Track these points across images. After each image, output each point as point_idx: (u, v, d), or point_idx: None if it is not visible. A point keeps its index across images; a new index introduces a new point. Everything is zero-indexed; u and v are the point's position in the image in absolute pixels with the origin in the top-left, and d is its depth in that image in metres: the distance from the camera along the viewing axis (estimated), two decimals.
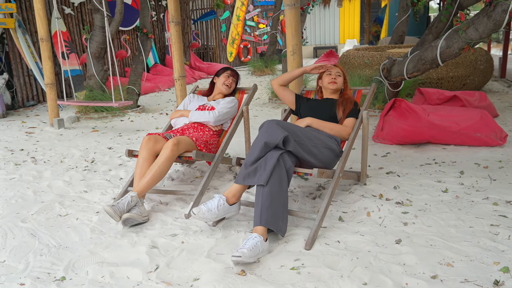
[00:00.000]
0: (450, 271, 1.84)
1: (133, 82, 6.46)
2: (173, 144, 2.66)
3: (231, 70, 3.36)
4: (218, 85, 3.28)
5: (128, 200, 2.46)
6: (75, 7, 7.93)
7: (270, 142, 2.25)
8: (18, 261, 2.12)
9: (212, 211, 2.21)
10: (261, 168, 2.23)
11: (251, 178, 2.24)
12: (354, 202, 2.62)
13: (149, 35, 6.57)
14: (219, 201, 2.25)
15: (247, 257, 1.93)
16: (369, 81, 5.71)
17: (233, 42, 12.99)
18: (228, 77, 3.30)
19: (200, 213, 2.19)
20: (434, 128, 3.66)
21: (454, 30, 3.66)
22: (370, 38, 12.14)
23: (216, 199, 2.26)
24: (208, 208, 2.21)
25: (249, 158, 2.29)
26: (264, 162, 2.24)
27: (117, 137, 4.76)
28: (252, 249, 1.96)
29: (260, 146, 2.26)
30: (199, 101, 3.33)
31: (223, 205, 2.25)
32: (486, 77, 6.29)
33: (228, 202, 2.28)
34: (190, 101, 3.35)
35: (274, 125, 2.29)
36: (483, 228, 2.22)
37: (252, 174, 2.25)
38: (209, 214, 2.20)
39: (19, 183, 3.31)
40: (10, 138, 4.90)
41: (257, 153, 2.27)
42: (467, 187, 2.79)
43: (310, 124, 2.68)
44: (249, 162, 2.28)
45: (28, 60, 6.73)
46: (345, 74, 2.98)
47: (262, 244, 2.03)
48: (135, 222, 2.45)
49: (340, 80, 2.91)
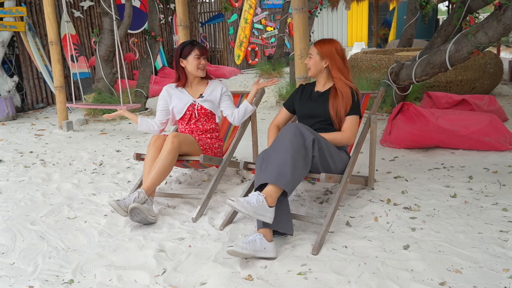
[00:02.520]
0: (459, 278, 1.82)
1: (141, 85, 6.49)
2: (173, 136, 2.66)
3: (198, 47, 2.87)
4: (191, 70, 2.89)
5: (135, 196, 2.47)
6: (84, 10, 8.00)
7: (302, 142, 2.20)
8: (27, 263, 2.14)
9: (251, 204, 2.02)
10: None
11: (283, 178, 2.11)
12: (362, 207, 2.61)
13: (157, 38, 6.60)
14: (258, 197, 2.06)
15: (240, 248, 1.96)
16: (377, 84, 5.68)
17: (241, 45, 13.02)
18: (198, 58, 2.88)
19: (238, 203, 2.01)
20: (443, 132, 3.64)
21: (463, 34, 3.64)
22: (378, 41, 12.11)
23: (255, 195, 2.08)
24: (247, 201, 2.04)
25: (276, 157, 2.17)
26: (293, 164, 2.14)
27: (125, 140, 4.79)
28: (250, 243, 2.00)
29: (290, 146, 2.17)
30: (181, 97, 2.97)
31: (262, 202, 2.05)
32: (496, 81, 6.23)
33: (267, 202, 2.08)
34: (170, 96, 3.00)
35: (303, 127, 2.25)
36: (492, 234, 2.20)
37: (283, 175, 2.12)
38: (248, 206, 2.01)
39: (29, 185, 3.34)
40: (20, 140, 4.95)
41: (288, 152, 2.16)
42: (476, 192, 2.76)
43: None
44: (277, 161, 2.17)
45: (38, 63, 6.80)
46: (329, 52, 2.54)
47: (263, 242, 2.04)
48: (142, 216, 2.43)
49: (314, 61, 2.58)
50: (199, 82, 3.02)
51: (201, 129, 2.98)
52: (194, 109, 2.96)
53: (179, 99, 2.98)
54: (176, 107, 2.98)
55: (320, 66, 2.59)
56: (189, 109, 2.97)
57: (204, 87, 3.02)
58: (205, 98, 2.96)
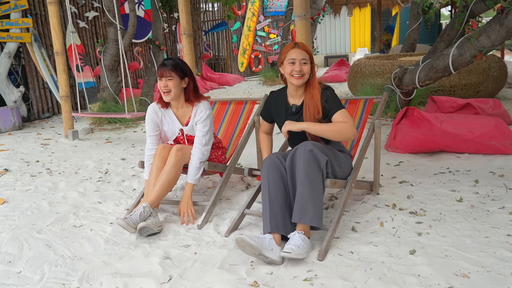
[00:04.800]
0: (466, 283, 1.81)
1: (145, 94, 6.54)
2: (177, 150, 2.65)
3: (160, 68, 2.61)
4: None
5: (140, 211, 2.47)
6: (89, 21, 8.09)
7: (317, 166, 2.19)
8: (34, 272, 2.15)
9: (303, 247, 2.02)
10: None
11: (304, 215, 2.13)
12: (367, 212, 2.60)
13: (162, 47, 6.67)
14: (301, 236, 2.07)
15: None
16: (380, 89, 5.68)
17: (244, 52, 13.08)
18: (160, 79, 2.61)
19: (294, 253, 1.98)
20: (448, 136, 3.63)
21: (466, 38, 3.64)
22: (381, 47, 12.11)
23: (299, 238, 2.05)
24: (297, 245, 2.01)
25: (298, 191, 2.17)
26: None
27: (130, 148, 4.81)
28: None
29: (307, 178, 2.15)
30: (170, 122, 2.80)
31: (306, 239, 2.09)
32: (500, 84, 6.21)
33: (306, 236, 2.12)
34: (159, 119, 2.79)
35: (316, 149, 2.20)
36: (499, 238, 2.18)
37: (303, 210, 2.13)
38: (302, 250, 2.02)
39: (35, 194, 3.36)
40: (26, 149, 4.99)
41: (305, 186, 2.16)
42: (482, 196, 2.74)
43: (305, 129, 2.32)
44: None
45: (44, 73, 6.87)
46: (311, 56, 2.35)
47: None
48: (151, 232, 2.45)
49: (307, 68, 2.33)
50: (184, 105, 2.76)
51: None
52: (183, 135, 2.84)
53: (168, 124, 2.81)
54: (168, 131, 2.84)
55: (309, 74, 2.36)
56: (179, 136, 2.86)
57: (190, 111, 2.77)
58: (188, 127, 2.79)
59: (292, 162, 2.25)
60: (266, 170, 2.30)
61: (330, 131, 2.30)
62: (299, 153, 2.22)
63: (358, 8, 13.68)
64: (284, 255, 1.98)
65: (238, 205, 2.86)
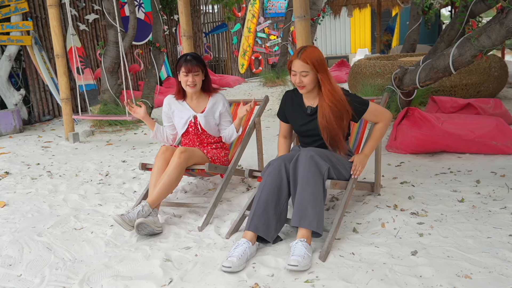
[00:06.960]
0: (469, 284, 1.80)
1: (146, 96, 6.54)
2: (180, 152, 2.65)
3: (186, 64, 2.75)
4: (183, 85, 2.85)
5: (139, 210, 2.47)
6: (89, 23, 8.10)
7: (318, 171, 2.21)
8: (34, 275, 2.14)
9: (307, 256, 2.02)
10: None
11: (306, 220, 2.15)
12: (368, 213, 2.59)
13: (162, 49, 6.66)
14: (304, 244, 2.06)
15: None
16: (381, 90, 5.68)
17: (245, 54, 13.09)
18: (186, 75, 2.77)
19: (301, 265, 1.96)
20: (449, 136, 3.62)
21: (466, 38, 3.63)
22: (382, 47, 12.11)
23: (302, 246, 2.05)
24: (301, 255, 1.99)
25: (297, 196, 2.20)
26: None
27: (130, 150, 4.81)
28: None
29: (307, 183, 2.19)
30: (182, 110, 2.94)
31: (308, 247, 2.08)
32: (501, 84, 6.20)
33: (308, 243, 2.11)
34: (172, 110, 2.98)
35: (316, 156, 2.23)
36: (501, 238, 2.17)
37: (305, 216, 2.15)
38: (307, 260, 2.00)
39: (35, 197, 3.36)
40: (27, 152, 4.99)
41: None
42: (484, 197, 2.73)
43: (368, 156, 2.50)
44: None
45: (44, 76, 6.88)
46: (321, 63, 2.29)
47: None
48: (149, 229, 2.43)
49: (309, 79, 2.32)
50: (200, 96, 2.95)
51: (205, 141, 3.00)
52: (196, 123, 2.94)
53: (180, 113, 2.94)
54: (178, 122, 2.97)
55: (315, 82, 2.37)
56: (191, 124, 2.95)
57: (206, 101, 2.96)
58: (205, 114, 2.92)
59: (295, 168, 2.28)
60: (266, 174, 2.33)
61: (378, 140, 2.54)
62: (301, 159, 2.26)
63: (358, 9, 13.67)
64: (291, 268, 1.96)
65: (239, 207, 2.86)
